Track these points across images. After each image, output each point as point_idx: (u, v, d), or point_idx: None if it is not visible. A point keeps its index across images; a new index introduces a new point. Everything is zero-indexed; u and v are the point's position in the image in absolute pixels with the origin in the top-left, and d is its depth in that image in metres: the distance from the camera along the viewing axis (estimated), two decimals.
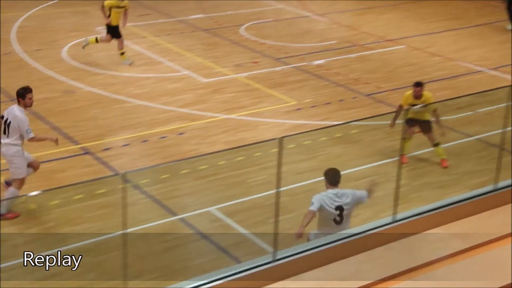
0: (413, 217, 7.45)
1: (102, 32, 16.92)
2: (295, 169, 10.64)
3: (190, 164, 10.57)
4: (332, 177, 7.78)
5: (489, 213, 7.69)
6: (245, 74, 14.68)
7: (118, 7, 14.70)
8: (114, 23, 14.79)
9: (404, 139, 10.97)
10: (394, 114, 11.01)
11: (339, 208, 7.53)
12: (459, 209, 7.74)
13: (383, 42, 17.20)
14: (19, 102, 9.08)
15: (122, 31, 14.93)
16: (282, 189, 7.59)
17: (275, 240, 6.60)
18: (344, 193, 7.62)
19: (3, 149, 9.09)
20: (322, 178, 8.31)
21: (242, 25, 18.21)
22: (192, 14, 19.11)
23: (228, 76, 14.62)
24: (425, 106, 10.78)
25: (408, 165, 10.91)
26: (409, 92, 10.92)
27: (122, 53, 15.06)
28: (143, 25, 18.07)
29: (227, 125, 12.34)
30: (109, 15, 14.67)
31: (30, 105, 9.16)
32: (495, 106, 12.32)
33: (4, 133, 9.07)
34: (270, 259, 6.58)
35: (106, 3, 14.66)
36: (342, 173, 9.70)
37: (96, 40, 15.05)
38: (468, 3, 21.27)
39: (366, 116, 12.62)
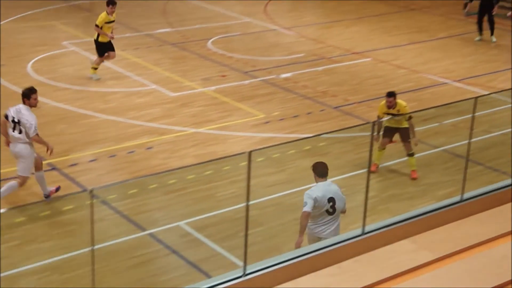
0: (381, 229, 7.49)
1: (69, 46, 16.81)
2: (264, 182, 10.65)
3: (159, 178, 10.52)
4: (320, 170, 7.99)
5: (456, 224, 7.77)
6: (213, 88, 14.68)
7: (109, 21, 14.68)
8: (106, 39, 14.72)
9: (378, 148, 11.09)
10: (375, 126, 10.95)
11: (331, 200, 7.81)
12: (426, 220, 7.80)
13: (349, 55, 17.36)
14: (24, 102, 9.63)
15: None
16: (251, 202, 7.58)
17: (245, 254, 6.58)
18: (334, 186, 7.94)
19: (14, 146, 9.65)
20: (291, 191, 8.35)
21: (210, 39, 18.23)
22: (159, 28, 19.07)
23: (196, 90, 14.61)
24: (401, 115, 10.90)
25: (376, 176, 11.00)
26: (383, 102, 11.02)
27: (95, 68, 14.97)
28: None
29: (195, 139, 12.31)
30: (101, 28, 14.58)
31: (35, 105, 9.68)
32: (460, 118, 12.51)
33: (13, 130, 9.59)
34: (241, 273, 6.55)
35: (99, 21, 14.59)
36: (310, 185, 9.73)
37: (95, 68, 14.96)
38: (431, 16, 21.62)
39: (334, 129, 12.70)
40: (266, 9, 21.76)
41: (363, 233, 7.34)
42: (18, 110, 9.59)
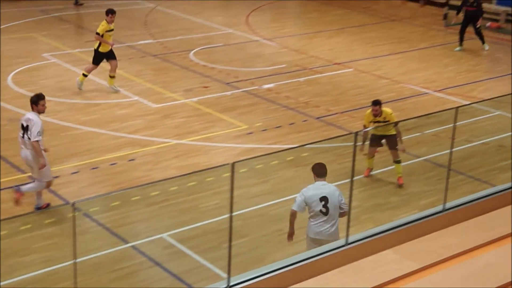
0: (365, 239, 7.50)
1: (50, 58, 16.73)
2: (247, 193, 10.63)
3: (141, 190, 10.45)
4: (318, 169, 8.18)
5: (439, 233, 7.80)
6: (195, 99, 14.66)
7: (110, 30, 14.67)
8: (106, 49, 14.71)
9: (367, 157, 11.17)
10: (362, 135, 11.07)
11: (324, 199, 7.91)
12: (410, 230, 7.83)
13: (331, 66, 17.44)
14: (33, 109, 9.93)
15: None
16: (235, 213, 7.57)
17: (229, 265, 6.55)
18: (329, 186, 8.04)
19: (22, 151, 9.91)
20: (274, 201, 8.33)
21: (192, 50, 18.23)
22: (140, 40, 19.04)
23: (178, 101, 14.57)
24: (387, 123, 10.99)
25: (359, 186, 11.03)
26: (368, 111, 11.08)
27: (113, 77, 14.92)
28: (91, 51, 17.87)
29: (178, 150, 12.27)
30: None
31: (43, 111, 9.96)
32: (442, 127, 12.60)
33: (23, 136, 9.84)
34: (225, 285, 6.53)
35: (100, 30, 14.60)
36: (293, 196, 9.71)
37: (85, 75, 14.85)
38: (411, 27, 21.81)
39: (317, 139, 12.73)
40: (248, 20, 21.81)
41: (347, 244, 7.35)
42: (27, 117, 9.84)
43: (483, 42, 19.23)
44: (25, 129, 9.76)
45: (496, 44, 19.85)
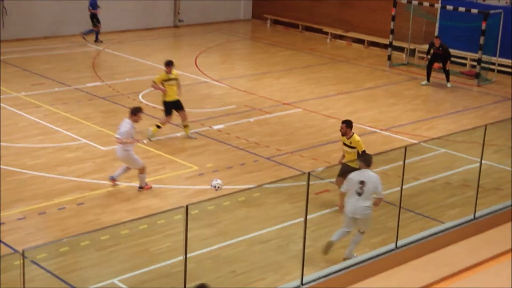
0: (319, 279, 7.52)
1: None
2: (200, 235, 10.54)
3: (91, 234, 10.23)
4: (365, 161, 9.83)
5: (392, 272, 7.88)
6: (145, 141, 14.54)
7: (169, 79, 14.58)
8: (171, 98, 14.60)
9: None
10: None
11: (362, 182, 9.55)
12: (362, 269, 7.88)
13: (280, 106, 17.62)
14: (130, 117, 12.03)
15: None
16: (188, 255, 7.48)
17: None
18: (371, 174, 9.68)
19: (118, 152, 12.15)
20: (227, 242, 8.21)
21: (141, 92, 18.17)
22: (89, 82, 18.87)
23: None
24: (350, 147, 11.48)
25: (311, 225, 11.05)
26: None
27: (186, 126, 14.82)
28: (37, 94, 17.66)
29: (129, 193, 12.11)
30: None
31: (137, 121, 12.13)
32: (389, 166, 12.80)
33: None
34: None
35: (156, 79, 14.71)
36: (246, 237, 9.67)
37: (158, 126, 14.72)
38: (356, 67, 22.28)
39: (268, 179, 12.76)
40: (197, 61, 21.92)
41: (302, 284, 7.34)
42: (122, 122, 12.10)
43: (448, 80, 20.09)
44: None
45: (440, 84, 20.44)
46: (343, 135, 11.63)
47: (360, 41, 25.38)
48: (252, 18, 29.23)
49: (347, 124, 11.57)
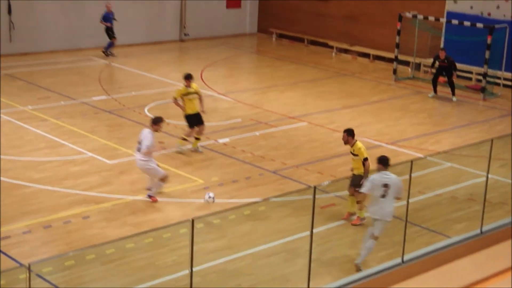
0: None
1: (2, 115, 16.53)
2: (205, 248, 10.51)
3: (96, 248, 10.22)
4: (383, 161, 10.05)
5: (397, 287, 7.84)
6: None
7: (189, 93, 14.61)
8: (191, 111, 14.64)
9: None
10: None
11: (386, 185, 9.83)
12: (368, 284, 7.85)
13: (285, 120, 17.63)
14: (151, 126, 12.22)
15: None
16: (194, 269, 7.47)
17: None
18: (391, 175, 9.92)
19: (136, 161, 12.26)
20: (232, 256, 8.18)
21: (146, 105, 18.22)
22: (94, 96, 18.94)
23: (133, 157, 14.42)
24: (354, 155, 11.61)
25: (317, 239, 11.01)
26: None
27: (197, 139, 14.88)
28: (43, 107, 17.72)
29: (134, 206, 12.11)
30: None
31: (157, 131, 12.31)
32: None
33: (138, 150, 12.13)
34: None
35: (176, 93, 14.78)
36: (252, 250, 9.63)
37: (184, 139, 14.80)
38: (361, 81, 22.30)
39: (273, 192, 12.75)
40: (202, 75, 21.98)
41: None
42: (142, 132, 12.11)
43: (453, 94, 20.05)
44: (139, 143, 12.01)
45: (445, 98, 20.43)
46: (345, 143, 11.76)
47: (366, 55, 25.42)
48: (258, 32, 29.33)
49: (348, 132, 11.71)
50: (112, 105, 18.18)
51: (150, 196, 12.25)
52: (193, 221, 7.14)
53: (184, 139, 14.85)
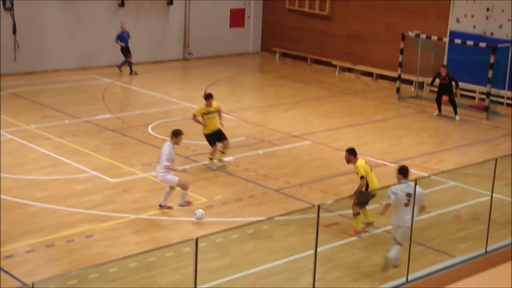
0: None
1: (6, 134, 16.58)
2: (208, 267, 10.48)
3: (99, 267, 10.19)
4: (403, 171, 10.48)
5: None
6: (154, 173, 14.51)
7: (209, 112, 14.84)
8: (208, 131, 14.88)
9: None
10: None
11: (409, 195, 10.14)
12: None
13: (289, 138, 17.64)
14: (171, 139, 12.60)
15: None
16: None
17: None
18: (411, 184, 10.13)
19: (157, 174, 12.77)
20: (236, 275, 8.15)
21: (150, 124, 18.26)
22: (98, 114, 18.99)
23: (137, 176, 14.46)
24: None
25: (320, 258, 10.96)
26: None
27: (223, 153, 15.11)
28: (47, 126, 17.76)
29: (137, 225, 12.09)
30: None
31: (177, 143, 12.66)
32: None
33: (158, 162, 12.65)
34: None
35: (196, 111, 15.05)
36: (255, 269, 9.58)
37: (211, 158, 15.01)
38: (365, 100, 22.34)
39: (277, 211, 12.72)
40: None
41: None
42: (163, 145, 12.59)
43: (456, 113, 20.08)
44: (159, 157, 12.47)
45: (449, 117, 20.44)
46: (347, 163, 11.91)
47: (369, 74, 25.49)
48: (261, 51, 29.46)
49: (350, 151, 11.92)
50: (115, 124, 18.22)
51: (181, 205, 12.80)
52: (197, 240, 7.12)
53: (211, 159, 15.02)
